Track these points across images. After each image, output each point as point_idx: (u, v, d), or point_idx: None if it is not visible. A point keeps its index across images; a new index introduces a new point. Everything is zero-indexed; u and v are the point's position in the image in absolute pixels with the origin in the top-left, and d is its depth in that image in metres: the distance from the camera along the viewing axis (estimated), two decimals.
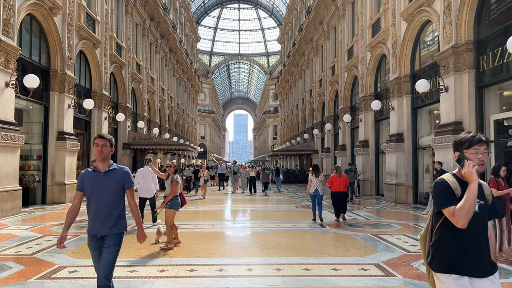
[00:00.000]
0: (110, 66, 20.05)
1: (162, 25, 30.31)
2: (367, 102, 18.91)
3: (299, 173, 32.36)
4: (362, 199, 16.77)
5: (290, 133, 44.21)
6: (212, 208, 13.64)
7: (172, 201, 6.90)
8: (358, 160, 19.34)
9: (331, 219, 10.39)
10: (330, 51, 26.39)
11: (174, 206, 6.92)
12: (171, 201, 6.88)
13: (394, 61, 15.48)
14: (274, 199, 16.86)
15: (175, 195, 6.91)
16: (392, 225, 9.41)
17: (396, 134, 15.15)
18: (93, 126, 18.29)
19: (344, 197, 10.38)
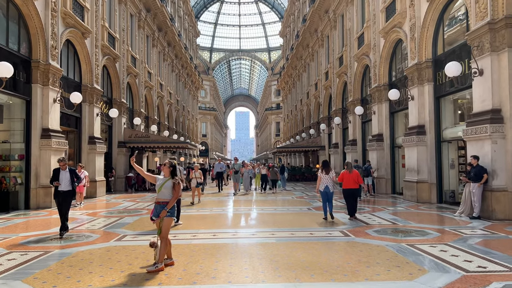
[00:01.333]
0: (102, 58, 18.60)
1: (159, 17, 28.82)
2: (380, 93, 17.42)
3: (305, 170, 30.89)
4: (377, 199, 15.31)
5: (294, 129, 42.73)
6: (214, 211, 12.20)
7: (172, 209, 5.50)
8: (372, 155, 17.85)
9: (344, 219, 8.96)
10: (337, 40, 24.87)
11: (173, 213, 5.54)
12: (171, 208, 5.47)
13: (413, 45, 13.97)
14: (283, 200, 15.41)
15: None
16: (427, 231, 7.95)
17: (416, 126, 13.66)
18: (84, 123, 16.87)
19: (356, 194, 9.99)
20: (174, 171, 5.53)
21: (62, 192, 7.98)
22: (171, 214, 5.45)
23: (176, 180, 5.46)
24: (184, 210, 11.63)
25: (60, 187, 7.96)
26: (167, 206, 5.41)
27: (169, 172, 5.53)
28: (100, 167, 17.49)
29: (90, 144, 16.92)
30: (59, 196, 7.98)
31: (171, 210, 5.44)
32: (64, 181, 7.99)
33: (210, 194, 17.97)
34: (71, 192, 8.10)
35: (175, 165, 5.60)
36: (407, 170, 14.25)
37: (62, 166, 8.15)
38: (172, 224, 5.58)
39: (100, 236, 7.85)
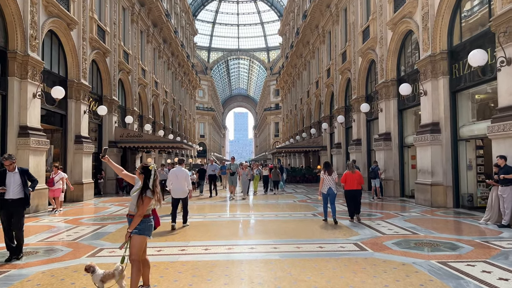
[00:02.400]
0: (91, 52, 17.41)
1: (153, 12, 27.65)
2: (388, 89, 16.28)
3: (306, 171, 29.72)
4: (386, 202, 14.16)
5: (294, 129, 41.58)
6: (208, 218, 11.02)
7: (142, 224, 4.29)
8: (379, 155, 16.70)
9: (355, 228, 7.80)
10: (339, 35, 23.72)
11: (144, 230, 4.29)
12: (140, 224, 4.27)
13: (425, 36, 12.83)
14: (284, 204, 14.25)
15: (145, 214, 4.30)
16: (455, 243, 6.79)
17: (430, 123, 12.51)
18: (70, 121, 15.67)
19: (359, 195, 9.75)
20: (146, 177, 4.33)
21: (10, 201, 6.03)
22: (140, 231, 4.25)
23: (145, 192, 4.26)
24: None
25: (6, 194, 6.03)
26: (130, 226, 4.24)
27: (142, 178, 4.35)
28: (88, 168, 16.29)
29: (76, 144, 15.72)
30: (7, 207, 6.02)
31: (141, 226, 4.25)
32: (12, 186, 6.08)
33: (203, 198, 16.76)
34: (23, 200, 6.16)
35: (148, 169, 4.34)
36: (420, 171, 13.10)
37: (8, 166, 6.17)
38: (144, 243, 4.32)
39: (72, 250, 6.67)
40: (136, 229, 4.21)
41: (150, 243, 6.85)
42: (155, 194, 4.28)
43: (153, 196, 4.25)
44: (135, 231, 4.20)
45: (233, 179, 16.71)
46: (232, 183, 16.71)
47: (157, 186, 4.33)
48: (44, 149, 12.65)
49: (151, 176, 4.29)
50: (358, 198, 9.70)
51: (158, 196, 4.33)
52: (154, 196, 4.26)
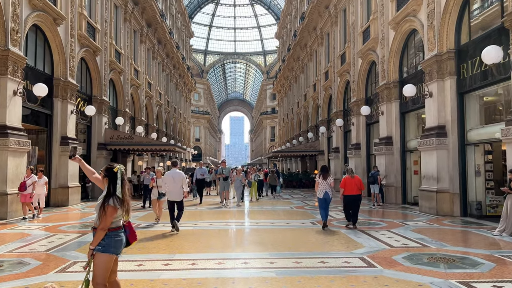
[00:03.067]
0: (80, 49, 16.63)
1: (148, 12, 26.93)
2: (390, 91, 15.61)
3: (303, 176, 28.98)
4: (387, 210, 13.44)
5: (291, 133, 40.87)
6: (198, 226, 10.23)
7: (108, 239, 3.50)
8: (379, 160, 16.01)
9: (361, 239, 7.06)
10: (338, 37, 23.10)
11: (110, 247, 3.49)
12: (105, 239, 3.49)
13: (431, 34, 12.18)
14: (280, 211, 13.48)
15: (112, 227, 3.53)
16: (474, 258, 6.06)
17: (436, 126, 11.83)
18: (56, 122, 14.86)
19: (358, 201, 9.42)
20: (111, 181, 3.56)
21: None
22: (105, 249, 3.47)
23: (108, 200, 3.50)
24: (158, 227, 9.70)
25: None
26: (92, 242, 3.47)
27: (106, 182, 3.59)
28: (74, 171, 15.45)
29: (62, 145, 14.89)
30: None
31: (105, 242, 3.47)
32: None
33: (195, 204, 15.95)
34: None
35: (113, 171, 3.57)
36: (424, 177, 12.40)
37: None
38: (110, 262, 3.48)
39: (40, 264, 5.87)
40: (100, 246, 3.43)
41: (131, 256, 6.09)
42: (123, 203, 3.51)
43: (120, 205, 3.48)
44: (98, 248, 3.43)
45: (225, 185, 15.43)
46: (225, 188, 15.42)
47: (126, 193, 3.56)
48: (24, 150, 11.83)
49: (117, 180, 3.52)
50: (358, 204, 9.42)
51: (127, 205, 3.55)
52: (121, 206, 3.49)
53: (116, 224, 3.52)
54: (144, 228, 9.36)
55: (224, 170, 15.69)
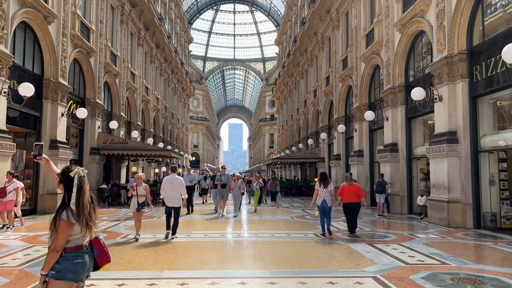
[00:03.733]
0: (73, 50, 15.97)
1: (146, 15, 26.35)
2: (395, 95, 14.96)
3: (302, 184, 28.22)
4: (393, 220, 12.71)
5: (290, 140, 40.20)
6: (192, 238, 9.47)
7: (64, 262, 2.74)
8: (384, 168, 15.30)
9: (367, 253, 6.32)
10: (340, 41, 22.51)
11: (66, 272, 2.71)
12: (60, 262, 2.73)
13: (441, 35, 11.54)
14: (280, 221, 12.73)
15: (69, 247, 2.78)
16: (503, 279, 5.32)
17: (446, 132, 11.14)
18: (45, 124, 14.13)
19: (357, 209, 9.31)
20: (68, 188, 2.85)
21: None
22: (61, 274, 2.69)
23: (61, 214, 2.76)
24: (147, 239, 8.95)
25: None
26: (44, 265, 2.74)
27: (62, 188, 2.87)
28: None
29: (51, 149, 14.15)
30: None
31: (62, 265, 2.73)
32: None
33: (184, 214, 15.15)
34: None
35: (69, 176, 2.87)
36: (434, 186, 11.67)
37: None
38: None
39: (7, 282, 5.12)
40: (54, 271, 2.69)
41: (113, 273, 5.34)
42: (81, 216, 2.77)
43: (76, 219, 2.75)
44: (52, 274, 2.69)
45: (223, 193, 14.07)
46: (223, 197, 14.07)
47: (85, 204, 2.82)
48: (8, 153, 11.09)
49: (73, 187, 2.80)
50: (356, 212, 9.30)
51: (87, 219, 2.81)
52: (78, 220, 2.76)
53: (75, 243, 2.78)
54: (132, 239, 8.59)
55: (223, 177, 14.31)
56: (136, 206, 8.60)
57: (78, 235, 2.78)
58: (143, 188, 8.77)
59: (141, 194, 8.69)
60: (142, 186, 8.80)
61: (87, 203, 2.79)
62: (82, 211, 2.74)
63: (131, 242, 8.30)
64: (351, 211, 9.16)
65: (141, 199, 8.65)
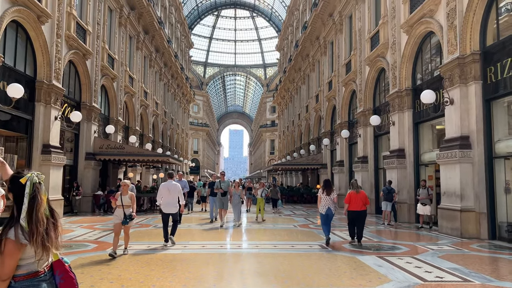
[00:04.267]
0: (68, 51, 15.45)
1: (145, 18, 25.92)
2: (402, 99, 14.40)
3: (304, 191, 27.58)
4: (402, 230, 12.08)
5: (291, 146, 39.62)
6: (188, 249, 8.84)
7: None
8: (390, 175, 14.70)
9: (365, 258, 5.69)
10: (343, 45, 22.02)
11: None
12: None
13: (452, 36, 11.00)
14: (283, 230, 12.08)
15: (20, 274, 2.13)
16: None
17: (458, 137, 10.55)
18: (37, 128, 13.55)
19: (364, 217, 9.13)
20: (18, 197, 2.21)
21: None
22: None
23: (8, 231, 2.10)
24: (140, 249, 8.33)
25: None
26: None
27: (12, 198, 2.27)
28: (56, 183, 14.09)
29: (44, 154, 13.57)
30: None
31: None
32: None
33: (188, 221, 14.55)
34: None
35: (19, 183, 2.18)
36: (445, 194, 11.06)
37: None
38: None
39: None
40: None
41: None
42: (34, 235, 2.16)
43: (28, 239, 2.14)
44: None
45: (224, 201, 12.73)
46: (223, 206, 12.72)
47: (40, 220, 2.20)
48: None
49: (24, 197, 2.20)
50: (363, 220, 9.14)
51: (43, 237, 2.20)
52: (30, 240, 2.14)
53: (28, 269, 2.16)
54: (124, 249, 7.97)
55: (223, 184, 13.03)
56: (122, 218, 7.42)
57: (32, 259, 2.16)
58: (129, 198, 7.56)
59: (128, 205, 7.53)
60: (128, 195, 7.58)
61: (42, 217, 2.18)
62: (36, 228, 2.12)
63: (121, 254, 7.68)
64: (359, 219, 8.99)
65: (128, 210, 7.52)
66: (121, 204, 7.47)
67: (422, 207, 12.13)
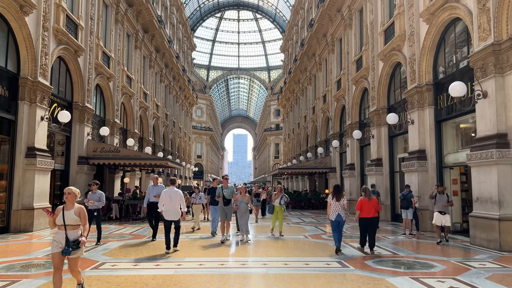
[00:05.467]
0: (56, 47, 14.25)
1: (144, 15, 24.77)
2: (421, 95, 13.04)
3: (312, 196, 26.18)
4: (425, 241, 10.70)
5: (297, 150, 38.25)
6: (181, 269, 7.51)
7: None
8: (410, 178, 13.32)
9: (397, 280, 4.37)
10: (353, 41, 20.71)
11: None
12: None
13: (484, 20, 9.66)
14: (293, 242, 10.63)
15: None
16: None
17: (495, 135, 9.18)
18: (21, 129, 12.31)
19: (376, 224, 8.92)
20: None
21: None
22: None
23: None
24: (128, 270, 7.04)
25: None
26: None
27: None
28: (43, 189, 12.82)
29: (28, 158, 12.33)
30: None
31: None
32: None
33: (187, 232, 13.20)
34: None
35: None
36: (478, 200, 9.67)
37: None
38: None
39: None
40: None
41: None
42: None
43: None
44: None
45: (227, 211, 10.61)
46: (226, 217, 10.61)
47: None
48: None
49: None
50: (375, 226, 8.86)
51: None
52: None
53: None
54: (102, 269, 6.67)
55: (226, 190, 10.65)
56: (62, 246, 4.79)
57: None
58: (75, 213, 4.90)
59: (73, 225, 4.87)
60: (73, 209, 4.92)
61: None
62: None
63: (103, 274, 6.38)
64: (370, 226, 8.67)
65: (73, 233, 4.85)
66: (63, 223, 4.81)
67: (440, 217, 10.12)
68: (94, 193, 9.69)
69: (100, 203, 9.67)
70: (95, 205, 9.56)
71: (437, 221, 10.19)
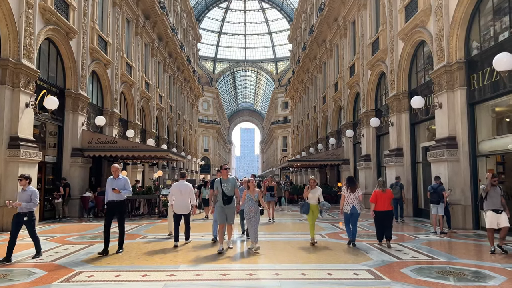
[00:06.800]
0: (44, 27, 12.95)
1: (145, 0, 23.40)
2: (451, 75, 11.49)
3: (324, 189, 24.67)
4: (463, 241, 9.26)
5: (306, 142, 36.80)
6: (176, 279, 6.20)
7: None
8: (438, 169, 11.82)
9: None
10: (368, 22, 19.14)
11: None
12: None
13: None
14: (308, 243, 9.14)
15: None
16: None
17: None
18: (1, 117, 11.08)
19: (391, 217, 8.58)
20: None
21: None
22: None
23: None
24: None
25: None
26: None
27: None
28: None
29: (11, 149, 11.09)
30: None
31: None
32: None
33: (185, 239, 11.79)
34: None
35: None
36: None
37: None
38: None
39: None
40: None
41: None
42: None
43: None
44: None
45: (228, 212, 8.10)
46: (227, 219, 8.15)
47: None
48: None
49: None
50: (391, 219, 8.61)
51: None
52: None
53: None
54: (73, 282, 5.37)
55: (226, 183, 8.06)
56: None
57: None
58: None
59: None
60: None
61: None
62: None
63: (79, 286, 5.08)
64: (386, 219, 8.43)
65: None
66: None
67: (495, 216, 7.56)
68: (24, 191, 7.27)
69: (31, 204, 7.16)
70: (24, 207, 7.10)
71: (492, 223, 7.58)
